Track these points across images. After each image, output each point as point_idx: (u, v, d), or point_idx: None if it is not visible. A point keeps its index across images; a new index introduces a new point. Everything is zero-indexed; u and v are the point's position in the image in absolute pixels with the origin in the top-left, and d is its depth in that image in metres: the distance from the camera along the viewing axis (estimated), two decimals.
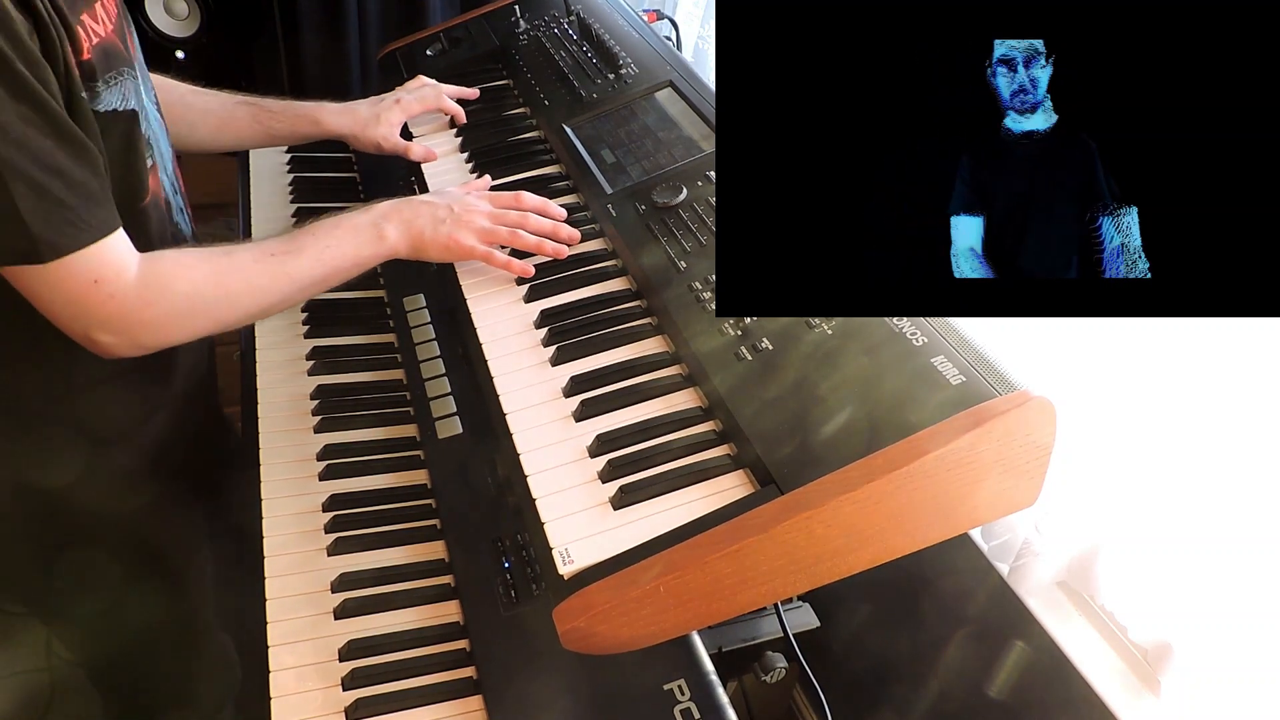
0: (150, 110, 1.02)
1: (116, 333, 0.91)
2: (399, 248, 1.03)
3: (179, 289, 0.94)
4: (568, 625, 0.73)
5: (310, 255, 1.00)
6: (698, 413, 0.86)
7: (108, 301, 0.89)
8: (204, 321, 0.97)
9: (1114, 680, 1.15)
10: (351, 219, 1.04)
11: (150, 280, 0.92)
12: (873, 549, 0.76)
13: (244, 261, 0.98)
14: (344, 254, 1.01)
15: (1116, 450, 1.10)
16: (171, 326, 0.95)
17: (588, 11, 1.42)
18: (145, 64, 1.06)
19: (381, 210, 1.04)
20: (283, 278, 0.99)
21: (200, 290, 0.96)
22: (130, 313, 0.91)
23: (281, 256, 0.99)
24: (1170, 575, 1.08)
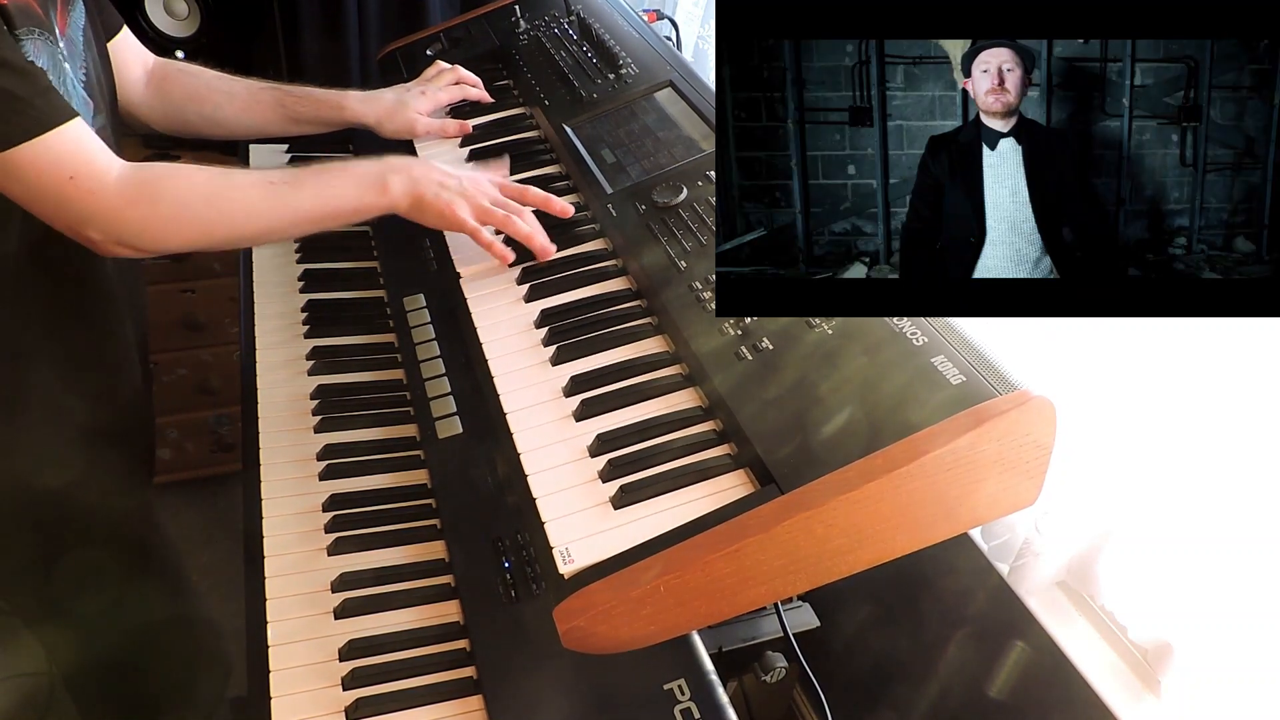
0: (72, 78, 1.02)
1: (103, 229, 0.93)
2: (400, 203, 1.04)
3: (168, 193, 0.96)
4: (568, 625, 0.73)
5: (311, 190, 1.01)
6: (698, 412, 0.86)
7: (87, 197, 0.91)
8: (192, 231, 0.98)
9: (1114, 680, 1.15)
10: (360, 165, 1.05)
11: (137, 180, 0.94)
12: (873, 549, 0.76)
13: (242, 182, 1.00)
14: (345, 196, 1.02)
15: (1117, 450, 1.10)
16: (159, 230, 0.96)
17: (588, 11, 1.42)
18: (89, 43, 1.07)
19: (391, 163, 1.05)
20: (280, 205, 1.00)
21: (190, 199, 0.97)
22: (115, 210, 0.92)
23: (281, 186, 1.00)
24: (1170, 575, 1.08)
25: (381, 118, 1.29)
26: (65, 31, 1.01)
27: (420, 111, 1.30)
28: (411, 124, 1.30)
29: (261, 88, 1.29)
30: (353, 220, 1.06)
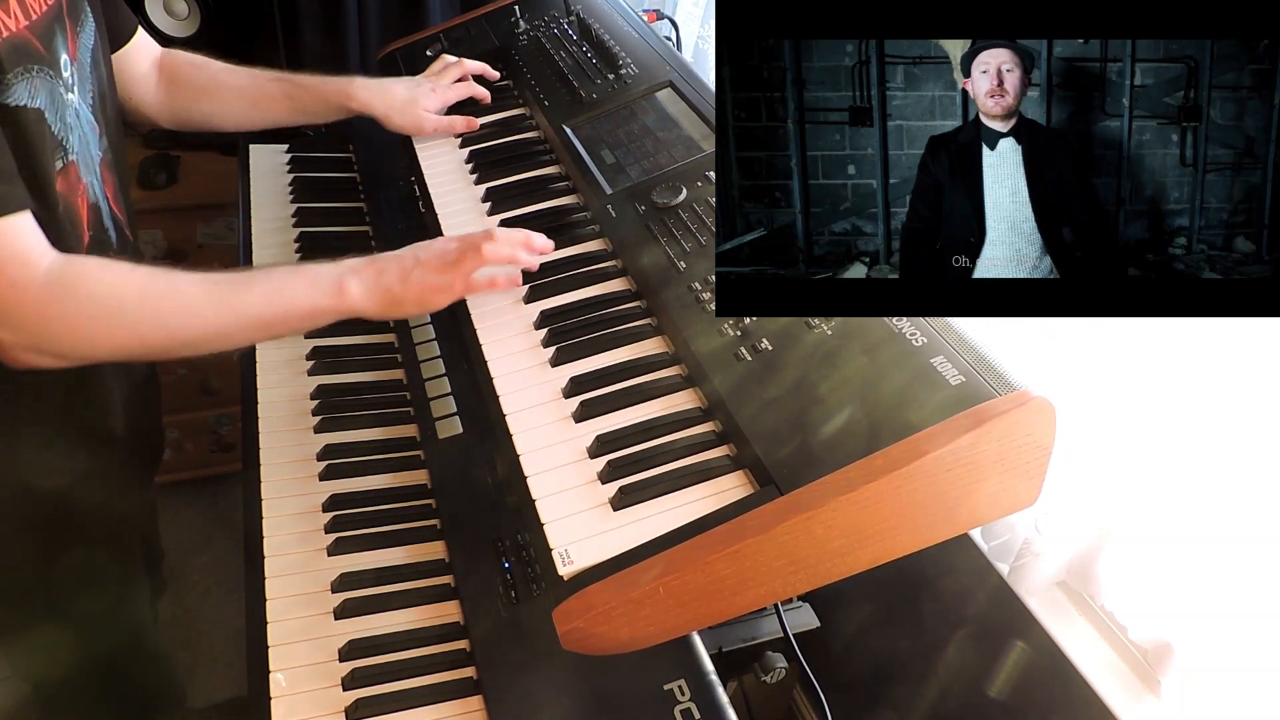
0: (78, 108, 0.99)
1: (16, 328, 0.84)
2: (363, 305, 0.95)
3: (97, 291, 0.87)
4: (567, 626, 0.73)
5: (259, 293, 0.92)
6: (697, 413, 0.86)
7: (7, 290, 0.82)
8: (123, 334, 0.88)
9: (1114, 680, 1.15)
10: (314, 267, 0.97)
11: (65, 275, 0.85)
12: (873, 549, 0.76)
13: (182, 282, 0.90)
14: (296, 300, 0.93)
15: (1116, 450, 1.10)
16: (83, 332, 0.87)
17: (588, 11, 1.42)
18: (98, 62, 1.05)
19: (348, 265, 0.97)
20: (223, 307, 0.91)
21: (122, 297, 0.87)
22: (35, 306, 0.83)
23: (226, 287, 0.91)
24: (1170, 575, 1.08)
25: (390, 111, 1.29)
26: (76, 56, 0.99)
27: (429, 109, 1.30)
28: (420, 122, 1.30)
29: (269, 80, 1.29)
30: (307, 326, 0.98)
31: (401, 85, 1.31)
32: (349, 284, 0.95)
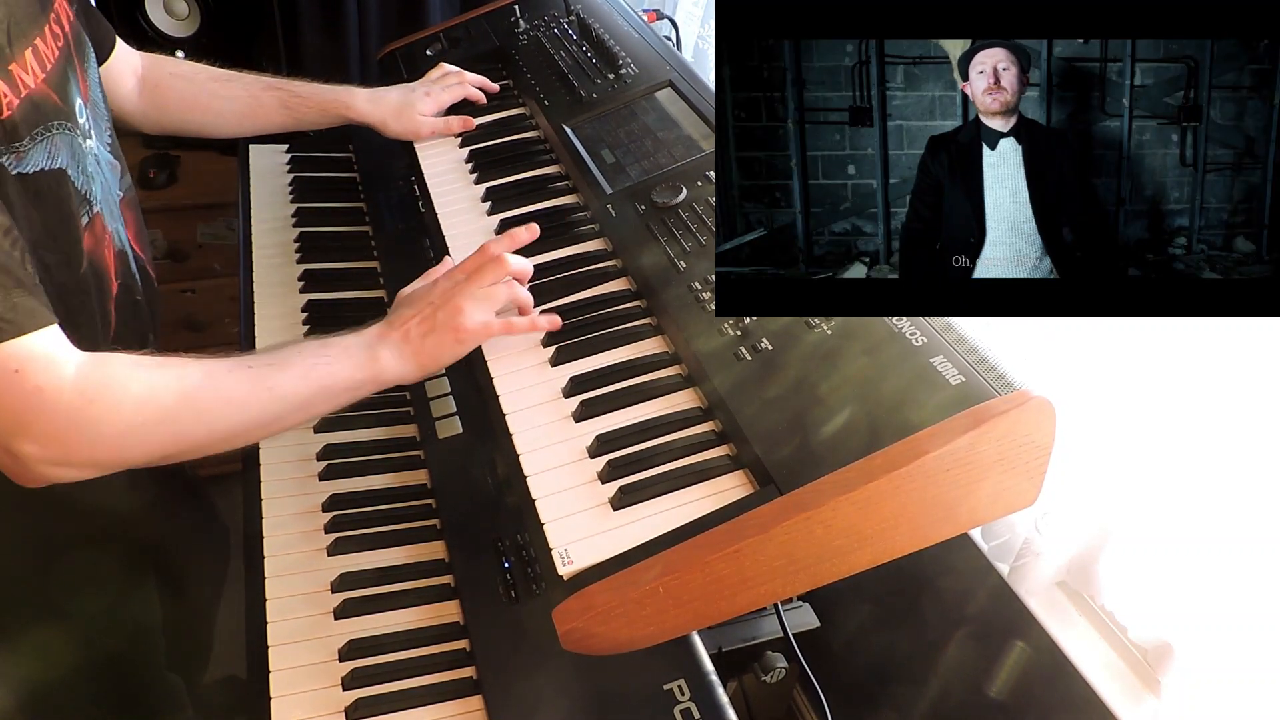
0: (97, 153, 0.95)
1: (44, 439, 0.74)
2: (403, 372, 0.90)
3: (132, 389, 0.78)
4: (567, 626, 0.73)
5: (297, 370, 0.86)
6: (697, 413, 0.86)
7: (33, 395, 0.73)
8: (162, 434, 0.80)
9: (1114, 680, 1.15)
10: (339, 339, 0.91)
11: (95, 376, 0.76)
12: (873, 549, 0.76)
13: (216, 369, 0.83)
14: (335, 374, 0.88)
15: (1116, 450, 1.10)
16: (119, 436, 0.78)
17: (588, 11, 1.42)
18: (102, 95, 1.01)
19: (372, 333, 0.92)
20: (263, 391, 0.84)
21: (159, 394, 0.79)
22: (65, 411, 0.74)
23: (262, 369, 0.84)
24: (1170, 575, 1.08)
25: (387, 119, 1.29)
26: (89, 95, 0.94)
27: (425, 114, 1.30)
28: (417, 127, 1.30)
29: (264, 88, 1.28)
30: (349, 401, 0.90)
31: (396, 92, 1.31)
32: (380, 354, 0.90)
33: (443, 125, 1.31)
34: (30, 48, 0.83)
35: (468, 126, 1.31)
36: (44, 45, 0.86)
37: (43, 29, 0.87)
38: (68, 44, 0.93)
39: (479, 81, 1.36)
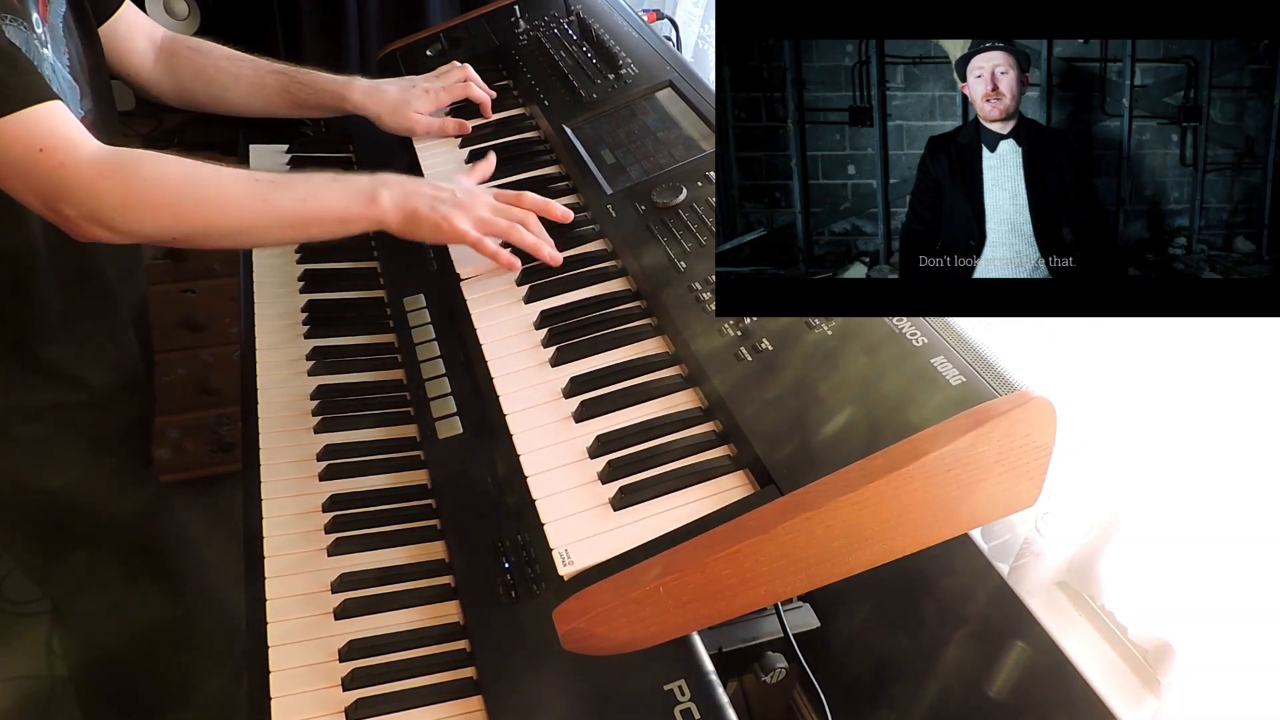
0: (57, 67, 1.02)
1: (75, 203, 0.90)
2: (389, 218, 1.01)
3: (144, 172, 0.93)
4: (568, 626, 0.73)
5: (296, 193, 0.98)
6: (698, 413, 0.86)
7: (58, 169, 0.89)
8: (166, 214, 0.95)
9: (1114, 680, 1.15)
10: (351, 176, 1.03)
11: (112, 157, 0.92)
12: (873, 549, 0.76)
13: (224, 174, 0.97)
14: (331, 204, 0.99)
15: (1117, 450, 1.10)
16: (134, 209, 0.93)
17: (588, 11, 1.42)
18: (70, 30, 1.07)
19: (384, 178, 1.03)
20: (260, 201, 0.96)
21: (167, 180, 0.94)
22: (87, 183, 0.90)
23: (266, 184, 0.97)
24: (1170, 575, 1.08)
25: (383, 113, 1.30)
26: (48, 19, 1.01)
27: (421, 111, 1.30)
28: (411, 124, 1.30)
29: (268, 71, 1.30)
30: (339, 232, 1.02)
31: (395, 86, 1.32)
32: (381, 194, 1.00)
33: (438, 126, 1.31)
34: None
35: (463, 130, 1.31)
36: None
37: None
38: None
39: (479, 83, 1.36)
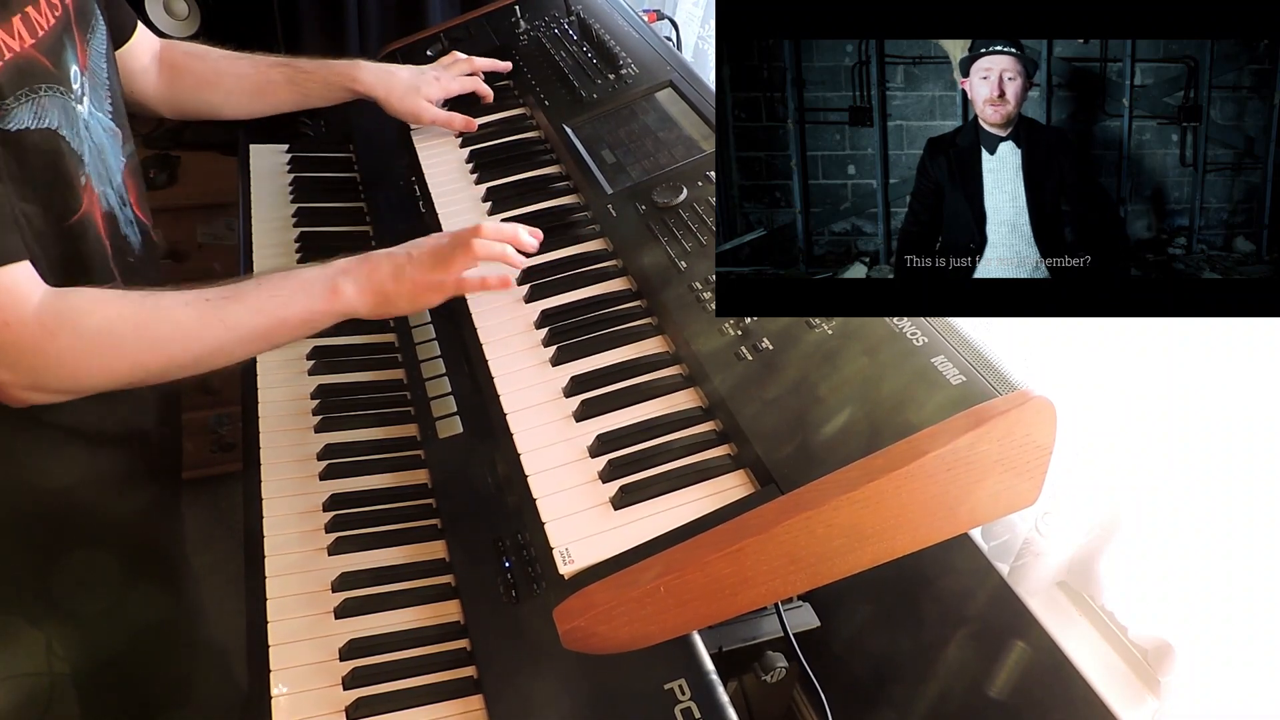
0: (92, 121, 0.98)
1: (13, 367, 0.83)
2: (357, 305, 0.95)
3: (90, 322, 0.85)
4: (568, 625, 0.73)
5: (251, 304, 0.91)
6: (698, 413, 0.86)
7: (1, 330, 0.81)
8: (120, 363, 0.88)
9: (1114, 680, 1.15)
10: (304, 272, 0.96)
11: (57, 310, 0.84)
12: (873, 549, 0.76)
13: (171, 303, 0.89)
14: (289, 306, 0.92)
15: (1117, 450, 1.10)
16: (80, 364, 0.86)
17: (588, 11, 1.42)
18: (112, 65, 1.04)
19: (338, 266, 0.96)
20: (216, 324, 0.89)
21: (115, 326, 0.86)
22: (30, 343, 0.82)
23: (218, 302, 0.90)
24: (1170, 575, 1.08)
25: (391, 96, 1.29)
26: (87, 65, 0.98)
27: (431, 99, 1.30)
28: (419, 111, 1.30)
29: (271, 65, 1.29)
30: (303, 333, 0.96)
31: (406, 71, 1.31)
32: (342, 285, 0.94)
33: (444, 118, 1.31)
34: (20, 14, 0.87)
35: (469, 127, 1.31)
36: (36, 14, 0.90)
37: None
38: (67, 14, 0.95)
39: (489, 65, 1.36)
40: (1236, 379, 0.98)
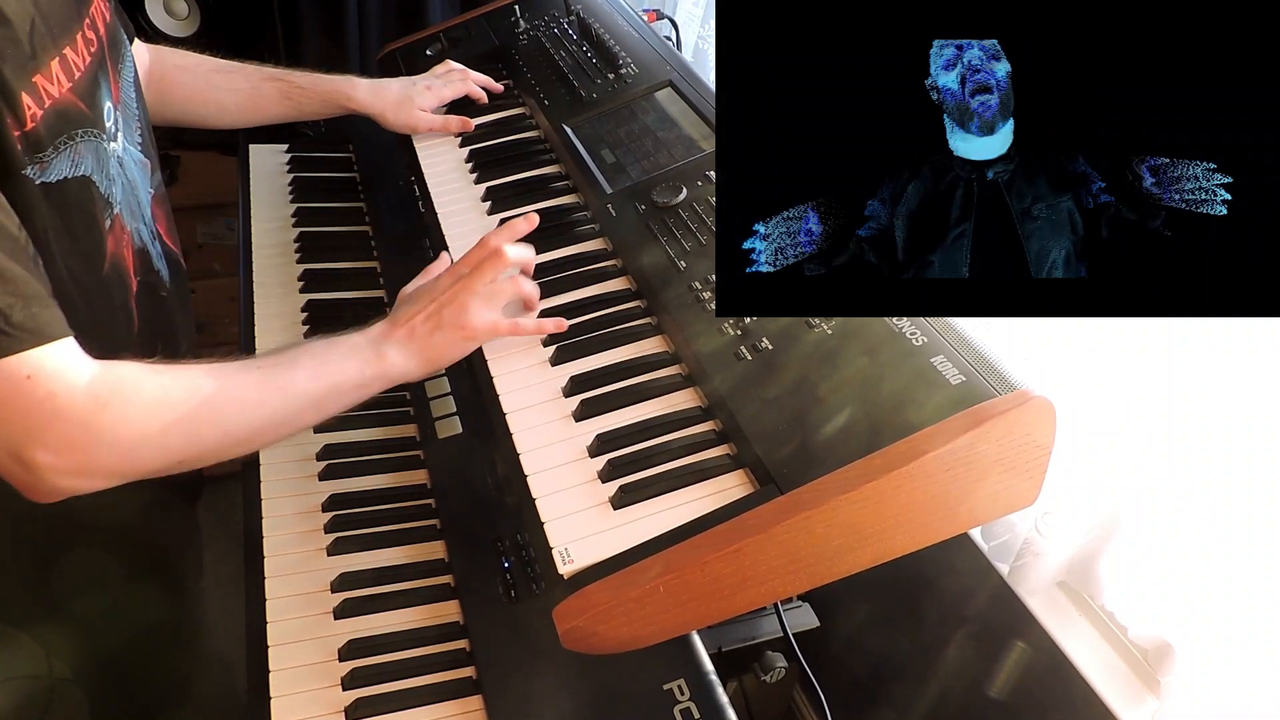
0: (125, 157, 0.95)
1: (58, 447, 0.73)
2: (409, 369, 0.91)
3: (144, 395, 0.78)
4: (568, 625, 0.73)
5: (307, 370, 0.86)
6: (698, 412, 0.86)
7: (46, 402, 0.72)
8: (176, 439, 0.79)
9: (1114, 680, 1.15)
10: (345, 338, 0.92)
11: (107, 380, 0.76)
12: (873, 549, 0.76)
13: (226, 371, 0.83)
14: (344, 372, 0.89)
15: (1117, 450, 1.10)
16: (134, 442, 0.77)
17: (588, 11, 1.42)
18: (135, 95, 1.01)
19: (376, 331, 0.92)
20: (274, 392, 0.85)
21: (172, 399, 0.79)
22: (78, 417, 0.73)
23: (270, 369, 0.85)
24: (1170, 575, 1.08)
25: (386, 111, 1.30)
26: (120, 98, 0.94)
27: (424, 108, 1.30)
28: (415, 122, 1.30)
29: (264, 78, 1.28)
30: (358, 399, 0.91)
31: (397, 84, 1.32)
32: (386, 352, 0.91)
33: (440, 123, 1.31)
34: (59, 57, 0.82)
35: (466, 128, 1.31)
36: (73, 54, 0.85)
37: (74, 36, 0.86)
38: (101, 48, 0.91)
39: (483, 81, 1.36)
40: (1236, 379, 0.98)
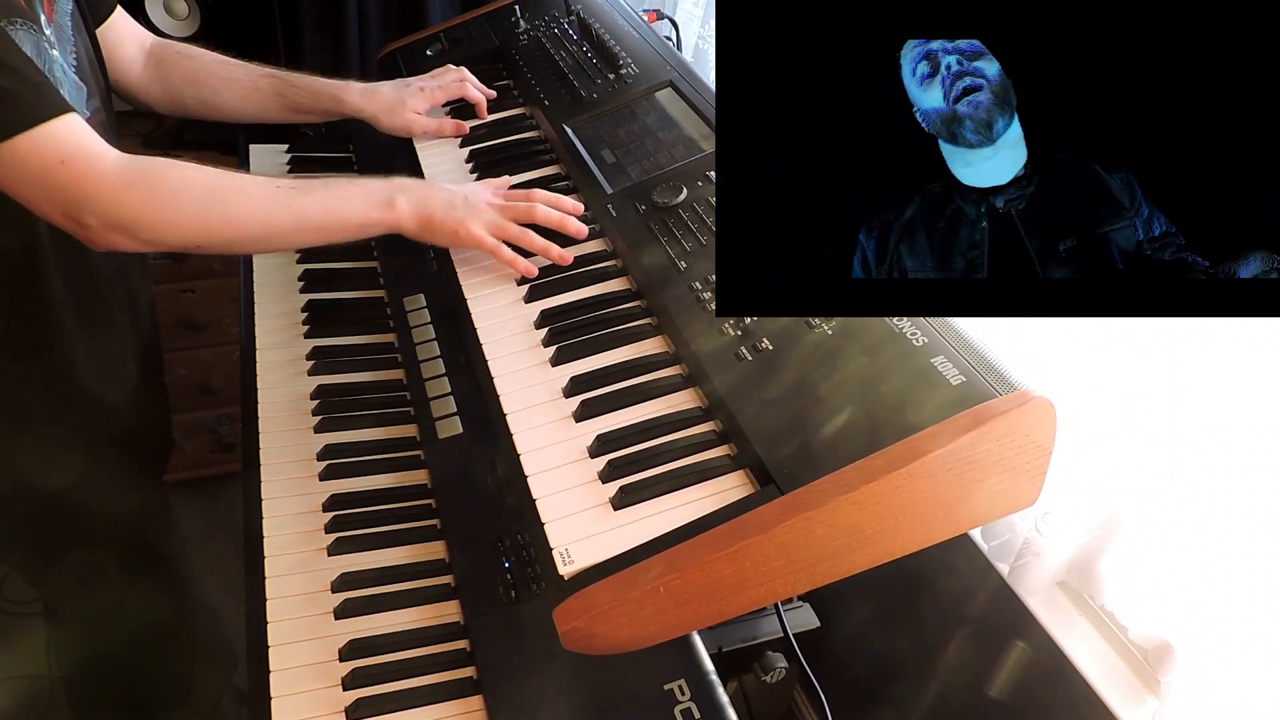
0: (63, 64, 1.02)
1: (98, 214, 0.91)
2: (407, 223, 1.03)
3: (169, 180, 0.94)
4: (568, 625, 0.73)
5: (318, 198, 1.00)
6: (698, 413, 0.86)
7: (81, 181, 0.89)
8: (190, 223, 0.95)
9: (1114, 680, 1.15)
10: (367, 181, 1.05)
11: (135, 165, 0.93)
12: (873, 549, 0.76)
13: (247, 181, 0.99)
14: (352, 209, 1.02)
15: (1117, 450, 1.10)
16: (155, 217, 0.94)
17: (588, 11, 1.42)
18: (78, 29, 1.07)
19: (399, 183, 1.05)
20: (284, 209, 0.98)
21: (192, 188, 0.95)
22: (111, 193, 0.91)
23: (287, 191, 0.99)
24: (1170, 575, 1.08)
25: (379, 114, 1.30)
26: (53, 19, 1.01)
27: (418, 110, 1.30)
28: (409, 124, 1.30)
29: (261, 75, 1.30)
30: (356, 236, 1.05)
31: (390, 87, 1.32)
32: (398, 200, 1.03)
33: (435, 126, 1.31)
34: None
35: (460, 131, 1.31)
36: None
37: None
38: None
39: (476, 84, 1.36)
40: (1236, 379, 0.98)
